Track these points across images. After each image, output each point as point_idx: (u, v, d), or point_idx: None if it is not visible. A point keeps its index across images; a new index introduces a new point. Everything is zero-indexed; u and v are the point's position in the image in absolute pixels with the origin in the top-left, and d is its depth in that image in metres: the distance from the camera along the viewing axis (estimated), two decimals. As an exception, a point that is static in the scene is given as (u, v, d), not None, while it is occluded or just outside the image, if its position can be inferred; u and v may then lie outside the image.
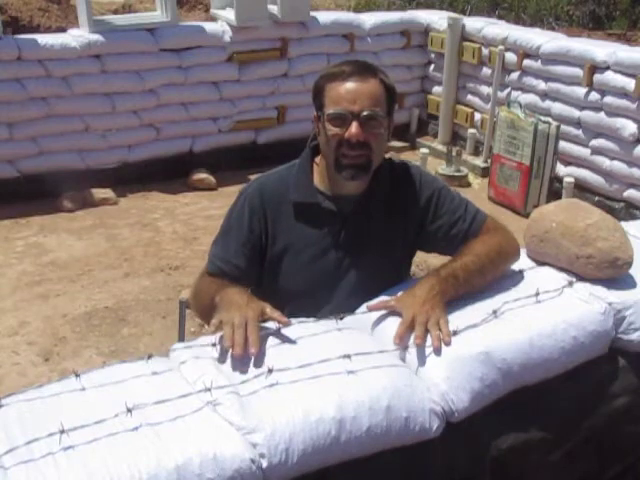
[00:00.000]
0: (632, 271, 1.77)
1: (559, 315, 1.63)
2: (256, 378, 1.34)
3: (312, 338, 1.48)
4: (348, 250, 1.77)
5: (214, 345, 1.42)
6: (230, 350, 1.37)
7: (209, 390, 1.29)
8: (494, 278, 1.68)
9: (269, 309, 1.48)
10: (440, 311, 1.51)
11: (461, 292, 1.61)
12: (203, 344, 1.46)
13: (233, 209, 1.81)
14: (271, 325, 1.48)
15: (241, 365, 1.39)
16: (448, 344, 1.47)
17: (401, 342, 1.46)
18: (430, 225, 1.79)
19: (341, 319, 1.55)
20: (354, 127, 1.64)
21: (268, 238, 1.77)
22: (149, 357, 1.39)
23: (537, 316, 1.61)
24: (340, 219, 1.77)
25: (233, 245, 1.76)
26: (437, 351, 1.45)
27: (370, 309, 1.58)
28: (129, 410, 1.21)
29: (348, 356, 1.41)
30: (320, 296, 1.76)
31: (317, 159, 1.81)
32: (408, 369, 1.45)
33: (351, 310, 1.62)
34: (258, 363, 1.39)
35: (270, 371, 1.35)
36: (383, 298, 1.63)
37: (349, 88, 1.65)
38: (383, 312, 1.58)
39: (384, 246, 1.79)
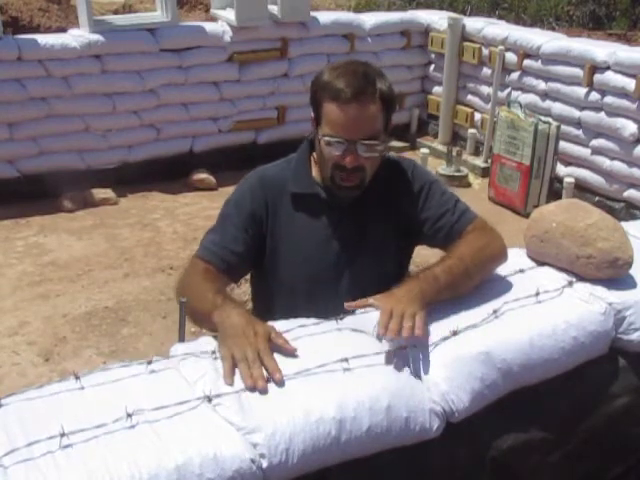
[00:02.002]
0: (632, 271, 1.77)
1: (559, 315, 1.63)
2: (256, 378, 1.34)
3: (312, 338, 1.48)
4: (347, 242, 1.78)
5: (213, 353, 1.41)
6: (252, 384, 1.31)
7: (209, 390, 1.30)
8: (481, 280, 1.66)
9: (274, 334, 1.43)
10: (417, 307, 1.48)
11: (445, 295, 1.58)
12: (203, 344, 1.46)
13: (232, 197, 1.80)
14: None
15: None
16: (419, 337, 1.44)
17: (385, 331, 1.42)
18: (418, 216, 1.79)
19: (341, 319, 1.55)
20: (349, 157, 1.65)
21: (268, 227, 1.77)
22: (149, 363, 1.38)
23: (537, 316, 1.61)
24: (338, 211, 1.78)
25: (231, 231, 1.73)
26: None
27: (349, 308, 1.55)
28: (129, 415, 1.21)
29: (348, 356, 1.41)
30: (321, 287, 1.77)
31: (315, 153, 1.81)
32: (408, 369, 1.45)
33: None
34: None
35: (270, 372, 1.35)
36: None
37: (347, 116, 1.62)
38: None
39: (382, 239, 1.80)
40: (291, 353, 1.40)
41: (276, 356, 1.40)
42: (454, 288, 1.60)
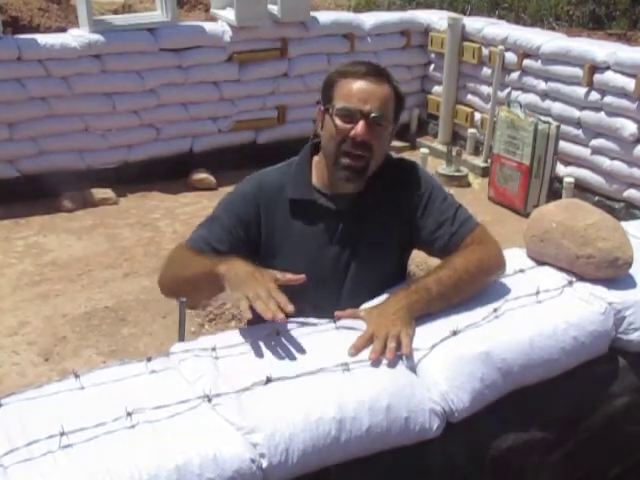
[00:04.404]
0: (632, 271, 1.77)
1: (559, 315, 1.63)
2: (256, 378, 1.34)
3: (311, 338, 1.48)
4: (345, 248, 1.77)
5: (214, 350, 1.42)
6: (270, 317, 1.41)
7: (209, 390, 1.30)
8: (473, 292, 1.65)
9: (279, 275, 1.54)
10: (402, 325, 1.49)
11: (436, 306, 1.58)
12: (203, 344, 1.46)
13: (226, 198, 1.81)
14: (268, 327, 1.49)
15: (241, 365, 1.40)
16: (406, 355, 1.45)
17: (356, 353, 1.44)
18: (418, 222, 1.77)
19: (339, 319, 1.55)
20: (360, 126, 1.65)
21: (261, 234, 1.76)
22: (149, 360, 1.39)
23: (537, 316, 1.61)
24: (337, 217, 1.77)
25: (217, 231, 1.74)
26: (391, 364, 1.42)
27: (338, 317, 1.57)
28: (129, 414, 1.21)
29: (347, 357, 1.42)
30: (321, 291, 1.76)
31: (316, 157, 1.81)
32: (408, 369, 1.45)
33: (355, 306, 1.62)
34: (258, 364, 1.40)
35: (270, 372, 1.35)
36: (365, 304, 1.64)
37: (363, 87, 1.67)
38: None
39: (381, 244, 1.79)
40: (301, 281, 1.53)
41: (275, 358, 1.41)
42: (446, 299, 1.60)
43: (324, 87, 1.75)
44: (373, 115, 1.65)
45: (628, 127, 4.58)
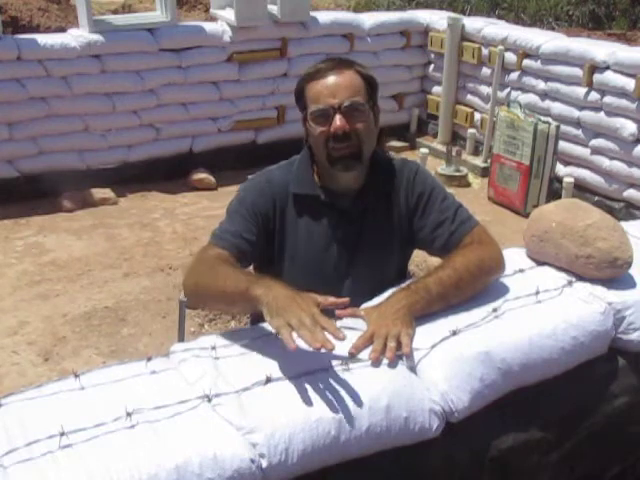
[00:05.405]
0: (632, 271, 1.77)
1: (559, 315, 1.63)
2: (256, 378, 1.34)
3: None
4: (346, 248, 1.78)
5: (214, 349, 1.42)
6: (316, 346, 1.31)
7: (209, 390, 1.30)
8: (474, 292, 1.65)
9: (321, 298, 1.44)
10: (402, 325, 1.49)
11: (436, 306, 1.58)
12: (203, 344, 1.46)
13: (239, 194, 1.79)
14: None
15: (241, 365, 1.40)
16: (406, 355, 1.45)
17: (356, 353, 1.43)
18: (417, 222, 1.79)
19: (340, 319, 1.55)
20: (337, 120, 1.67)
21: (275, 227, 1.77)
22: (149, 360, 1.39)
23: (537, 316, 1.61)
24: (338, 216, 1.78)
25: (241, 222, 1.72)
26: (391, 364, 1.42)
27: (339, 315, 1.56)
28: (129, 415, 1.21)
29: (347, 356, 1.42)
30: (324, 289, 1.75)
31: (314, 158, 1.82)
32: (408, 369, 1.45)
33: (355, 305, 1.62)
34: (258, 364, 1.40)
35: (270, 372, 1.35)
36: (364, 304, 1.64)
37: (326, 83, 1.69)
38: None
39: (382, 244, 1.80)
40: (344, 304, 1.46)
41: (275, 358, 1.41)
42: (446, 299, 1.60)
43: (296, 97, 1.77)
44: (345, 104, 1.67)
45: (628, 127, 4.58)
